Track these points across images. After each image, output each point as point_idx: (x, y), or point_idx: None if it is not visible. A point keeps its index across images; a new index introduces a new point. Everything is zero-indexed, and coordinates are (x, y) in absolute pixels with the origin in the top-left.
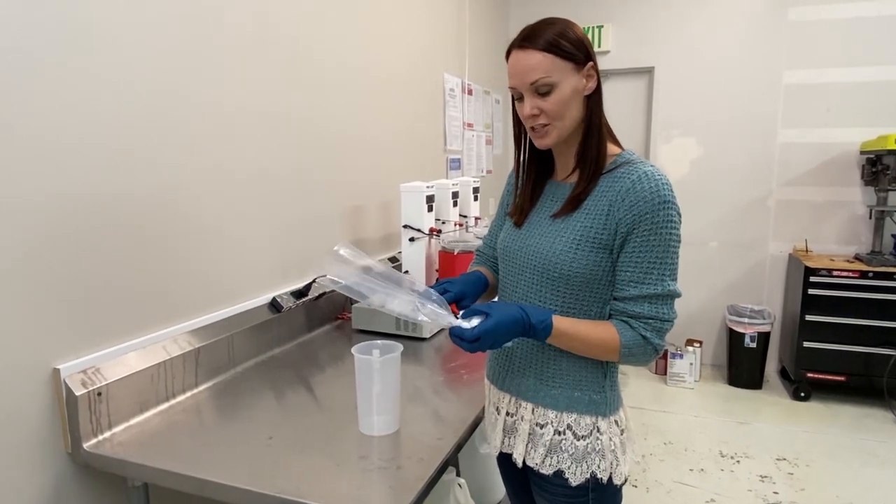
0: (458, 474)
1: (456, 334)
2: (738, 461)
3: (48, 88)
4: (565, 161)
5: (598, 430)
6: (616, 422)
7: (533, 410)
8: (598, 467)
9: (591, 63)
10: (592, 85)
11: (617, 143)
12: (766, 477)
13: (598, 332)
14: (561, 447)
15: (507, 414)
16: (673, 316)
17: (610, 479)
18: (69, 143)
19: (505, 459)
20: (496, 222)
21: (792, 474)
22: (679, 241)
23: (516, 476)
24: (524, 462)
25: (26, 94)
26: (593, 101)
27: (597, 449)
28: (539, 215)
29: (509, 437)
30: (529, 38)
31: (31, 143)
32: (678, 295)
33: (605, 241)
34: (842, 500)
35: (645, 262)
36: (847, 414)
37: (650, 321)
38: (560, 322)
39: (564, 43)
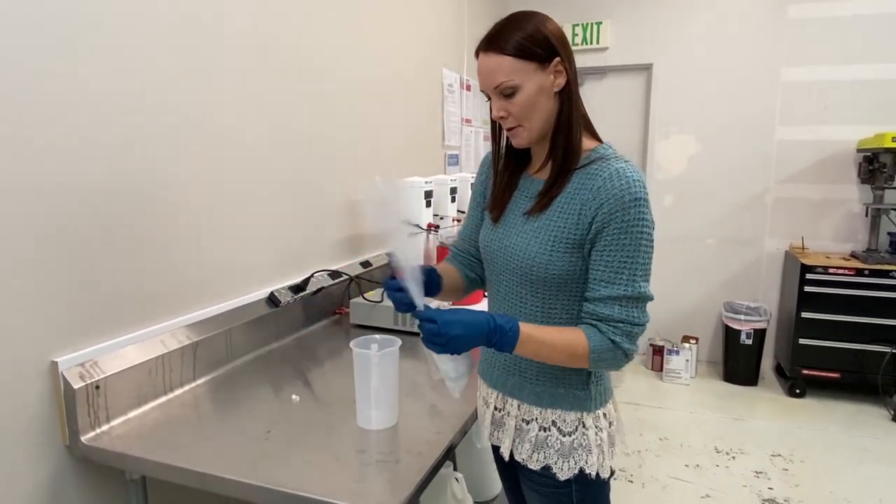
0: (454, 468)
1: (418, 312)
2: (733, 457)
3: (48, 89)
4: (539, 155)
5: (584, 426)
6: (604, 415)
7: (518, 406)
8: (586, 462)
9: (557, 59)
10: (561, 81)
11: (595, 136)
12: (760, 473)
13: (565, 337)
14: (547, 443)
15: (496, 409)
16: (644, 320)
17: (597, 473)
18: (66, 140)
19: (497, 451)
20: (469, 216)
21: (787, 470)
22: (651, 241)
23: (508, 468)
24: (511, 456)
25: (26, 96)
26: (564, 96)
27: (583, 444)
28: (514, 212)
29: (497, 431)
30: (491, 40)
31: (28, 138)
32: (650, 298)
33: (579, 241)
34: (836, 496)
35: (615, 261)
36: (842, 410)
37: (620, 325)
38: (526, 327)
39: (525, 43)
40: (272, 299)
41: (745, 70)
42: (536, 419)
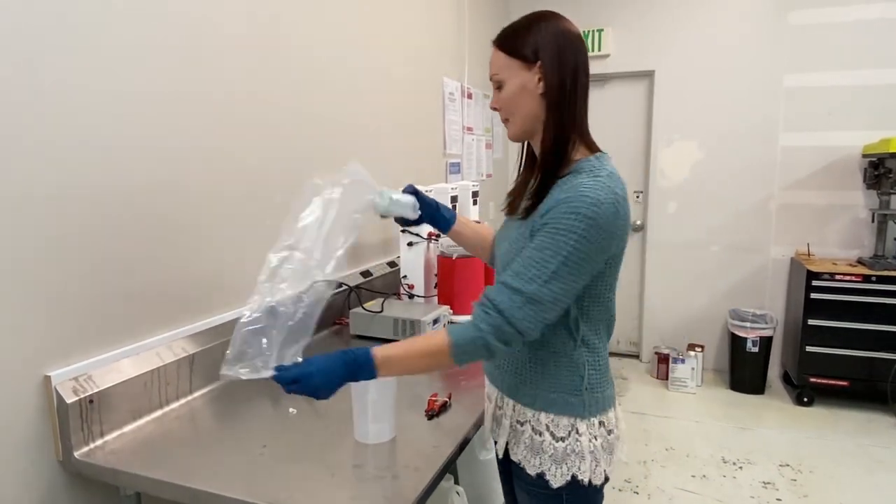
0: (456, 482)
1: (276, 376)
2: (740, 467)
3: (51, 94)
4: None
5: (577, 432)
6: (601, 423)
7: (514, 407)
8: (579, 469)
9: (538, 63)
10: (542, 85)
11: (591, 148)
12: (768, 483)
13: (423, 340)
14: (542, 448)
15: (497, 406)
16: (524, 327)
17: (589, 480)
18: (63, 150)
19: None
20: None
21: (795, 480)
22: (577, 260)
23: (504, 465)
24: (507, 456)
25: (28, 101)
26: (549, 101)
27: (576, 451)
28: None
29: (496, 427)
30: (498, 34)
31: (22, 150)
32: (542, 304)
33: None
34: None
35: (530, 257)
36: (850, 419)
37: (498, 315)
38: (384, 348)
39: (516, 40)
40: None
41: (748, 76)
42: (530, 421)
